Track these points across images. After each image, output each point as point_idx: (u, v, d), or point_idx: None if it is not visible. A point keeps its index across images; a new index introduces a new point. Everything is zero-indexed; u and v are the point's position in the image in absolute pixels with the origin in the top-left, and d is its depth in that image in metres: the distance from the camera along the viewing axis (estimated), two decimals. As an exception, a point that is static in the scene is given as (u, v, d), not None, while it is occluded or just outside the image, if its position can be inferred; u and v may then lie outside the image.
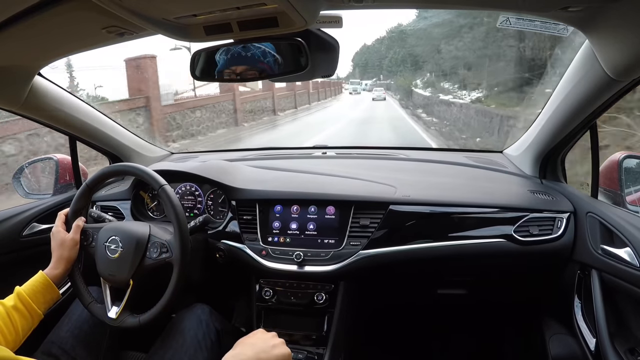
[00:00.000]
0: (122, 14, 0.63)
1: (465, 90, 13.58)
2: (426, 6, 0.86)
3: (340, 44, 0.83)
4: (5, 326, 0.78)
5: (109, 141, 1.44)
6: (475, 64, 13.32)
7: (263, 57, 0.80)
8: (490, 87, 11.78)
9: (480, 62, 12.81)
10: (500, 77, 10.94)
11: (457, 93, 14.11)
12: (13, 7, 0.63)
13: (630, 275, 0.87)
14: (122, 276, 0.97)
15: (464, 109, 12.18)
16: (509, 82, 10.11)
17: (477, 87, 12.61)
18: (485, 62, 12.43)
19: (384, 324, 1.56)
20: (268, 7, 0.64)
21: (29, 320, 0.83)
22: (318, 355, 1.13)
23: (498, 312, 1.48)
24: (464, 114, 11.97)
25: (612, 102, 0.92)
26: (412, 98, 20.91)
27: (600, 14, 0.71)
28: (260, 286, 1.16)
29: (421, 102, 18.40)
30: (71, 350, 0.98)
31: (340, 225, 1.13)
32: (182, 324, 1.01)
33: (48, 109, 1.15)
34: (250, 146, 6.25)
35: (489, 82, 11.99)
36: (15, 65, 0.93)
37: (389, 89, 30.43)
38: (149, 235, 1.00)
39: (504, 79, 10.58)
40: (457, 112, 12.73)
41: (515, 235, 1.08)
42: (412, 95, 21.26)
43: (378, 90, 28.43)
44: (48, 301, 0.88)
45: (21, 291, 0.85)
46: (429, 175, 1.33)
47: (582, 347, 1.00)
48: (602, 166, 1.10)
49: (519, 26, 1.15)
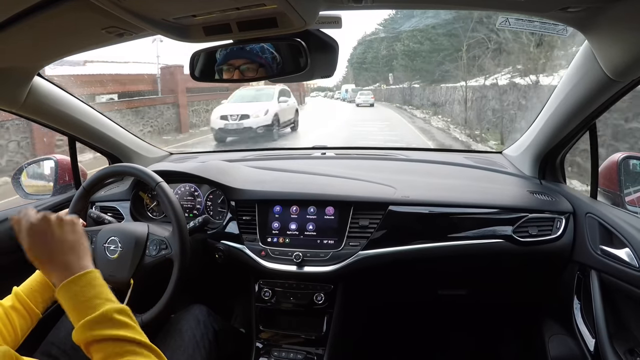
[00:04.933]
0: (121, 14, 0.63)
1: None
2: (426, 6, 0.86)
3: (339, 44, 0.84)
4: (4, 327, 0.78)
5: (108, 142, 1.44)
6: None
7: (261, 52, 0.80)
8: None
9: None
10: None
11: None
12: (13, 8, 0.63)
13: (630, 275, 0.87)
14: (122, 276, 0.97)
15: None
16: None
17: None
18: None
19: (383, 324, 1.55)
20: (267, 8, 0.64)
21: (28, 321, 0.83)
22: (317, 356, 1.13)
23: (497, 312, 1.48)
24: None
25: (612, 102, 0.92)
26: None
27: (599, 15, 0.71)
28: (259, 287, 1.17)
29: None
30: (70, 351, 0.98)
31: (340, 226, 1.13)
32: (180, 324, 1.01)
33: (47, 109, 1.15)
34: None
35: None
36: (14, 65, 0.93)
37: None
38: (147, 233, 1.00)
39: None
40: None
41: (515, 235, 1.08)
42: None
43: (364, 95, 21.71)
44: (46, 300, 0.88)
45: (19, 291, 0.85)
46: (428, 176, 1.33)
47: (582, 348, 1.00)
48: (602, 167, 1.10)
49: (519, 27, 1.15)
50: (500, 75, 9.75)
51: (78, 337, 0.56)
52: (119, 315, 0.57)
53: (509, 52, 9.80)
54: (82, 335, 0.55)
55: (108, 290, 0.60)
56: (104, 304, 0.57)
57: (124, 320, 0.57)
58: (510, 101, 8.59)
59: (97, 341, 0.55)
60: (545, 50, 7.89)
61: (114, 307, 0.57)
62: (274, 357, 1.15)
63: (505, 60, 10.23)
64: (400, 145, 7.56)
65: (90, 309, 0.56)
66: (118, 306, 0.58)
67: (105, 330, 0.55)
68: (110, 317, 0.56)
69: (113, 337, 0.55)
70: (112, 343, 0.55)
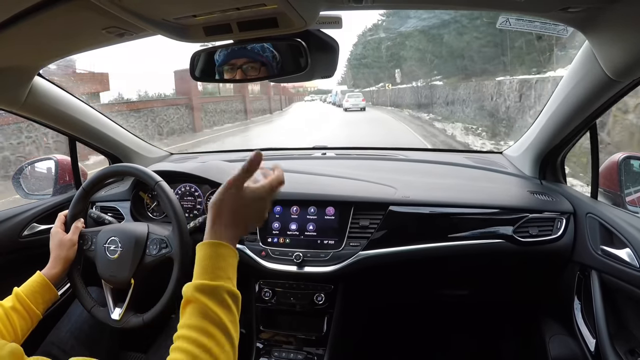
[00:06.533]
0: (121, 14, 0.63)
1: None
2: (426, 7, 0.86)
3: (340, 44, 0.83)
4: (4, 327, 0.78)
5: (108, 142, 1.44)
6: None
7: (262, 51, 0.80)
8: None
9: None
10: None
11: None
12: (13, 8, 0.63)
13: (630, 276, 0.87)
14: (122, 276, 0.97)
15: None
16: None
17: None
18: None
19: (383, 324, 1.55)
20: (268, 8, 0.64)
21: (28, 321, 0.83)
22: (318, 356, 1.13)
23: (498, 312, 1.48)
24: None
25: (612, 102, 0.92)
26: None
27: (600, 15, 0.71)
28: (259, 287, 1.16)
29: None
30: (71, 351, 0.98)
31: (340, 226, 1.13)
32: None
33: (48, 109, 1.15)
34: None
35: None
36: (15, 65, 0.93)
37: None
38: (147, 233, 1.00)
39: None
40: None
41: (515, 235, 1.08)
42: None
43: (353, 97, 19.07)
44: (46, 301, 0.88)
45: (19, 292, 0.85)
46: (428, 176, 1.33)
47: (582, 348, 1.00)
48: (602, 167, 1.10)
49: (519, 27, 1.15)
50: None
51: (186, 290, 0.57)
52: (228, 297, 0.58)
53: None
54: (190, 291, 0.57)
55: (235, 271, 0.62)
56: (224, 279, 0.59)
57: (229, 303, 0.58)
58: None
59: (195, 303, 0.56)
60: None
61: (230, 287, 0.59)
62: (274, 357, 1.15)
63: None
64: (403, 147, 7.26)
65: (213, 276, 0.58)
66: (233, 289, 0.59)
67: (208, 300, 0.56)
68: (220, 294, 0.57)
69: (209, 311, 0.56)
70: (203, 313, 0.55)
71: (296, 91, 43.37)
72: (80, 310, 1.03)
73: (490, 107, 8.33)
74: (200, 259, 0.60)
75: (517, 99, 7.41)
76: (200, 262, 0.59)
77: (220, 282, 0.58)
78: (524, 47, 7.97)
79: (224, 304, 0.57)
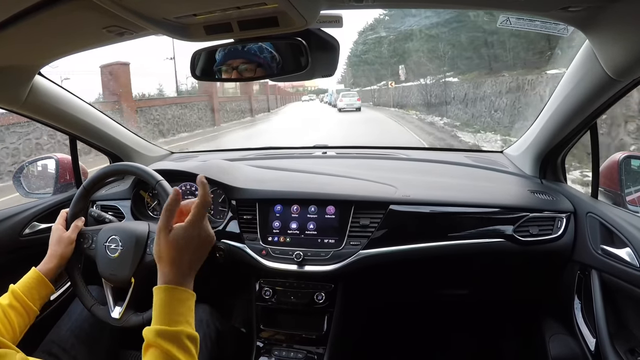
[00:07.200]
0: (122, 13, 0.63)
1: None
2: (426, 6, 0.86)
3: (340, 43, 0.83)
4: (2, 325, 0.79)
5: (109, 141, 1.44)
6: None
7: (260, 52, 0.80)
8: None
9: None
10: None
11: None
12: (13, 7, 0.63)
13: (630, 275, 0.87)
14: (123, 275, 0.97)
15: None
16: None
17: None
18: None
19: (383, 323, 1.56)
20: (268, 7, 0.64)
21: (25, 318, 0.84)
22: (318, 355, 1.13)
23: (498, 311, 1.48)
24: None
25: (613, 102, 0.92)
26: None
27: (600, 14, 0.71)
28: (260, 286, 1.17)
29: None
30: (71, 350, 0.98)
31: (340, 225, 1.13)
32: None
33: (49, 108, 1.15)
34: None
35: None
36: (15, 65, 0.93)
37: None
38: (148, 232, 1.00)
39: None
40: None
41: (515, 235, 1.08)
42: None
43: (348, 96, 17.88)
44: (42, 297, 0.88)
45: (15, 289, 0.85)
46: (429, 175, 1.33)
47: (582, 348, 1.00)
48: (603, 166, 1.10)
49: (519, 26, 1.15)
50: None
51: (147, 334, 0.60)
52: (188, 341, 0.61)
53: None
54: (151, 336, 0.59)
55: (192, 315, 0.64)
56: (183, 324, 0.61)
57: (189, 346, 0.61)
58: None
59: (157, 348, 0.59)
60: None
61: (189, 332, 0.61)
62: (274, 356, 1.15)
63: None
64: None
65: (172, 322, 0.61)
66: (192, 332, 0.62)
67: (169, 345, 0.59)
68: (180, 338, 0.60)
69: (172, 355, 0.58)
70: (165, 358, 0.58)
71: (295, 90, 42.86)
72: (80, 309, 1.03)
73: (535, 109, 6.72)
74: (158, 304, 0.62)
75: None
76: (159, 308, 0.62)
77: (180, 327, 0.61)
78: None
79: (184, 347, 0.60)
